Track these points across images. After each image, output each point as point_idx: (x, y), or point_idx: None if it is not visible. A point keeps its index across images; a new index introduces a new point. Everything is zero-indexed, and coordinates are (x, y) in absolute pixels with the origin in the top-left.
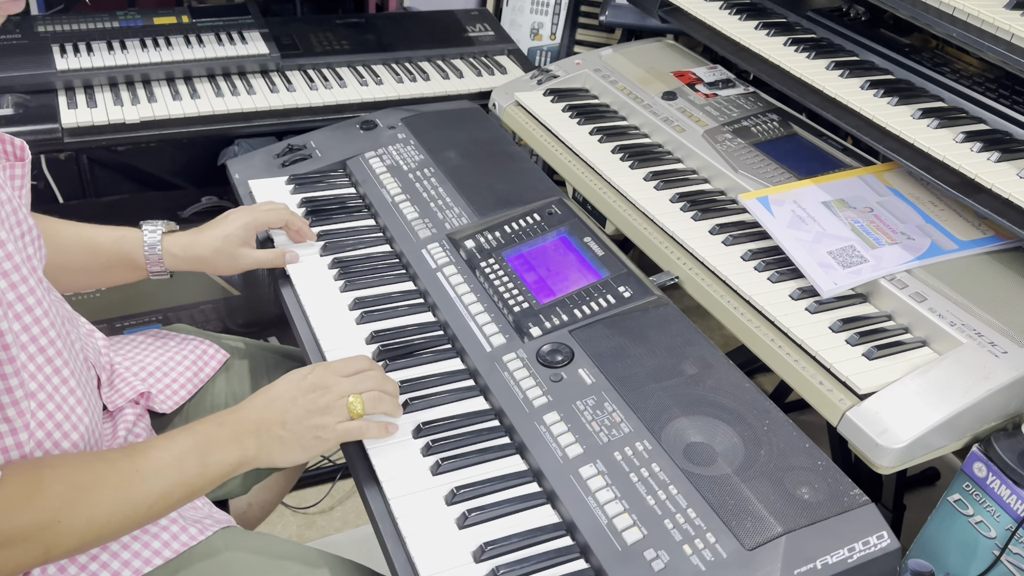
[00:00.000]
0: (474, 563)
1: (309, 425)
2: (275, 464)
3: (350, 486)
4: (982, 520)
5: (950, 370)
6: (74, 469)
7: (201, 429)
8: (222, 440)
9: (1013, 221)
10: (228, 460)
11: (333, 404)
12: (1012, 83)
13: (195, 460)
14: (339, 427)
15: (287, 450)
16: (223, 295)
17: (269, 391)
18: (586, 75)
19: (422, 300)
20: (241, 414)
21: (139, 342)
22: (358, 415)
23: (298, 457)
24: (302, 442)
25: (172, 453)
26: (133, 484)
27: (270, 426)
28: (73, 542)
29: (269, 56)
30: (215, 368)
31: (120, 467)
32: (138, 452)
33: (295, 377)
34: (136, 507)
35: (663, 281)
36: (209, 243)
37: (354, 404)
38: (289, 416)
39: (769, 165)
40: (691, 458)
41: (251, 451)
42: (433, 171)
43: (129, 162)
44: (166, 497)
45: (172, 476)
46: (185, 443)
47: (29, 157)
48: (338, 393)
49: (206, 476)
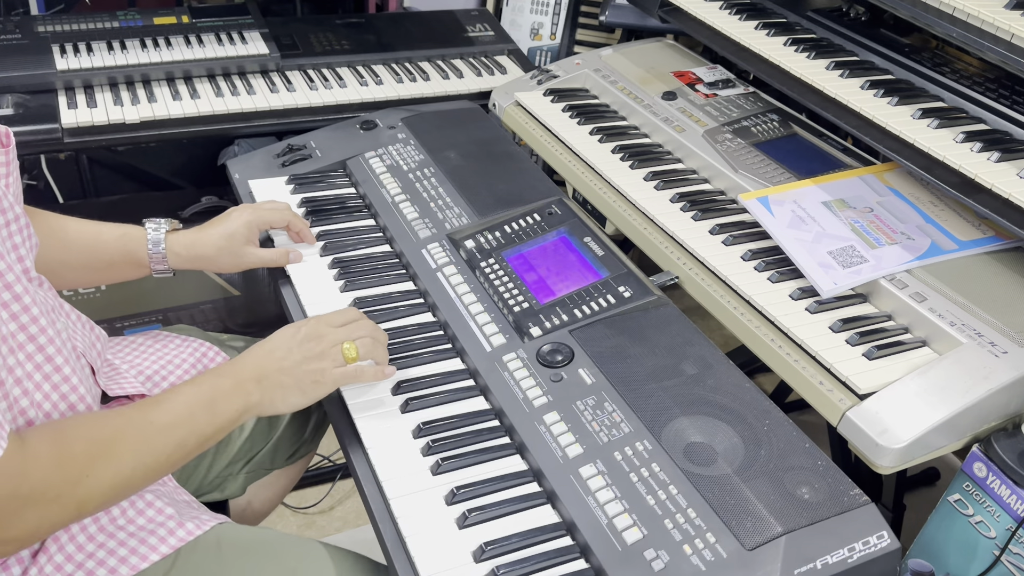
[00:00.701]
0: (474, 563)
1: (307, 370)
2: (278, 409)
3: (350, 486)
4: (982, 520)
5: (950, 370)
6: (93, 427)
7: (205, 380)
8: (226, 389)
9: (1013, 221)
10: (234, 407)
11: (328, 351)
12: (1012, 83)
13: (203, 409)
14: (336, 371)
15: (288, 395)
16: (223, 295)
17: (266, 344)
18: (586, 75)
19: (422, 300)
20: (241, 364)
21: (138, 344)
22: (352, 360)
23: (299, 401)
24: (302, 386)
25: (182, 404)
26: (150, 436)
27: (270, 373)
28: (103, 495)
29: (269, 56)
30: None
31: (135, 421)
32: (149, 406)
33: (290, 330)
34: (156, 457)
35: (663, 281)
36: (213, 241)
37: (348, 350)
38: (287, 363)
39: (769, 165)
40: (691, 458)
41: (255, 396)
42: (433, 171)
43: (129, 162)
44: (182, 446)
45: (185, 426)
46: (192, 395)
47: (13, 143)
48: (332, 340)
49: (215, 423)
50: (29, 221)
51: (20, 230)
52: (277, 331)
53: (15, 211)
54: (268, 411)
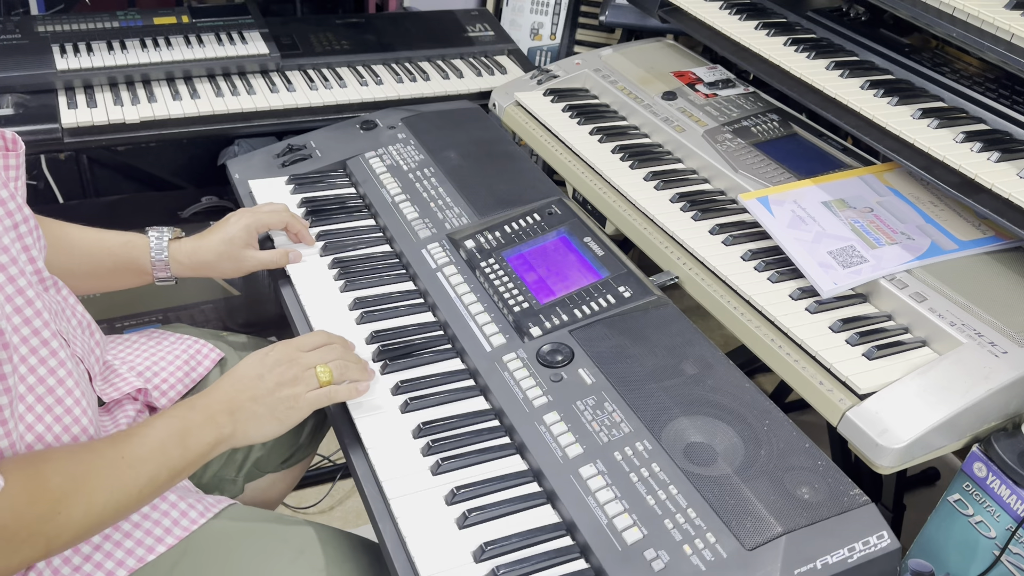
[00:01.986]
0: (474, 563)
1: (280, 397)
2: (252, 440)
3: (350, 486)
4: (982, 520)
5: (950, 370)
6: (66, 461)
7: (177, 414)
8: (197, 422)
9: (1013, 221)
10: (206, 440)
11: (301, 375)
12: (1012, 83)
13: (175, 444)
14: (309, 395)
15: (262, 424)
16: (223, 295)
17: (233, 373)
18: (586, 75)
19: (422, 300)
20: (211, 397)
21: (132, 341)
22: (327, 383)
23: (274, 430)
24: (276, 413)
25: (154, 439)
26: (122, 472)
27: (242, 403)
28: (72, 533)
29: (269, 56)
30: (208, 367)
31: (107, 456)
32: (121, 441)
33: (257, 356)
34: (128, 493)
35: (663, 281)
36: (213, 247)
37: (322, 373)
38: (259, 392)
39: (769, 165)
40: (691, 458)
41: (227, 429)
42: (433, 171)
43: (129, 162)
44: (153, 481)
45: (157, 460)
46: (164, 429)
47: (23, 148)
48: (305, 364)
49: (187, 458)
50: (37, 223)
51: (31, 231)
52: (244, 359)
53: (24, 213)
54: (242, 442)
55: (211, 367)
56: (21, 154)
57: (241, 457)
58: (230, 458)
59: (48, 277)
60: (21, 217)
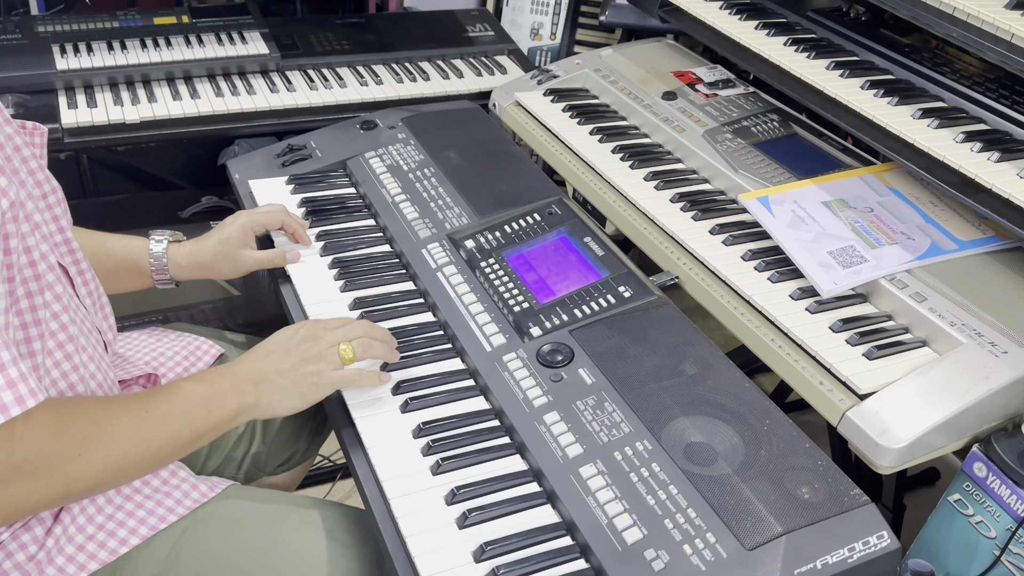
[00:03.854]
0: (474, 563)
1: (304, 372)
2: (275, 412)
3: (350, 486)
4: (982, 520)
5: (950, 370)
6: (92, 407)
7: (206, 378)
8: (223, 388)
9: (1013, 221)
10: (230, 406)
11: (325, 352)
12: (1012, 83)
13: (200, 405)
14: (334, 374)
15: (285, 397)
16: (223, 295)
17: (264, 346)
18: (586, 75)
19: (422, 300)
20: (239, 365)
21: (134, 338)
22: (349, 361)
23: (296, 403)
24: (299, 388)
25: (180, 397)
26: (145, 424)
27: (267, 375)
28: (91, 477)
29: (269, 56)
30: (208, 362)
31: (132, 408)
32: (149, 396)
33: (287, 332)
34: (149, 446)
35: (663, 281)
36: (210, 248)
37: (345, 351)
38: (284, 365)
39: (769, 165)
40: (691, 458)
41: (250, 398)
42: (433, 171)
43: (129, 162)
44: (175, 438)
45: (180, 419)
46: (190, 390)
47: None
48: (328, 342)
49: (210, 421)
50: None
51: (59, 201)
52: (276, 332)
53: (52, 183)
54: (265, 413)
55: (210, 362)
56: (43, 135)
57: (240, 455)
58: (229, 456)
59: (77, 249)
60: (50, 187)
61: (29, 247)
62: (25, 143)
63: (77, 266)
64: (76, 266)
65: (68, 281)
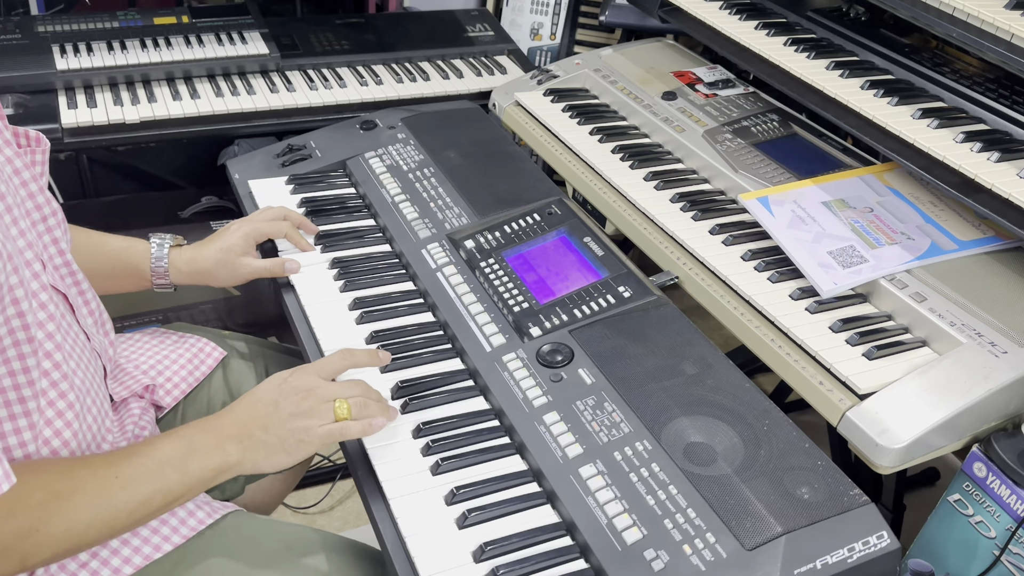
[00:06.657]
0: (474, 563)
1: (292, 428)
2: (260, 469)
3: (350, 486)
4: (982, 520)
5: (950, 370)
6: (55, 476)
7: (185, 434)
8: (204, 446)
9: (1013, 221)
10: (210, 466)
11: (318, 408)
12: (1012, 83)
13: (176, 466)
14: (321, 429)
15: (270, 454)
16: (223, 295)
17: (251, 395)
18: (586, 75)
19: (422, 300)
20: (224, 419)
21: (135, 340)
22: (343, 419)
23: (282, 461)
24: (285, 446)
25: (154, 460)
26: (113, 492)
27: (252, 431)
28: (50, 551)
29: (269, 56)
30: (211, 365)
31: (100, 474)
32: (119, 458)
33: (276, 380)
34: (116, 515)
35: (663, 281)
36: (211, 256)
37: (340, 408)
38: (271, 420)
39: (769, 165)
40: (691, 458)
41: (233, 456)
42: (433, 171)
43: (129, 162)
44: (146, 504)
45: (153, 483)
46: (167, 449)
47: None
48: (322, 397)
49: (186, 483)
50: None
51: (59, 224)
52: (264, 380)
53: (52, 206)
54: (249, 470)
55: (213, 366)
56: (45, 151)
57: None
58: None
59: (77, 271)
60: (50, 210)
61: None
62: (25, 165)
63: (78, 287)
64: (76, 287)
65: (68, 307)
